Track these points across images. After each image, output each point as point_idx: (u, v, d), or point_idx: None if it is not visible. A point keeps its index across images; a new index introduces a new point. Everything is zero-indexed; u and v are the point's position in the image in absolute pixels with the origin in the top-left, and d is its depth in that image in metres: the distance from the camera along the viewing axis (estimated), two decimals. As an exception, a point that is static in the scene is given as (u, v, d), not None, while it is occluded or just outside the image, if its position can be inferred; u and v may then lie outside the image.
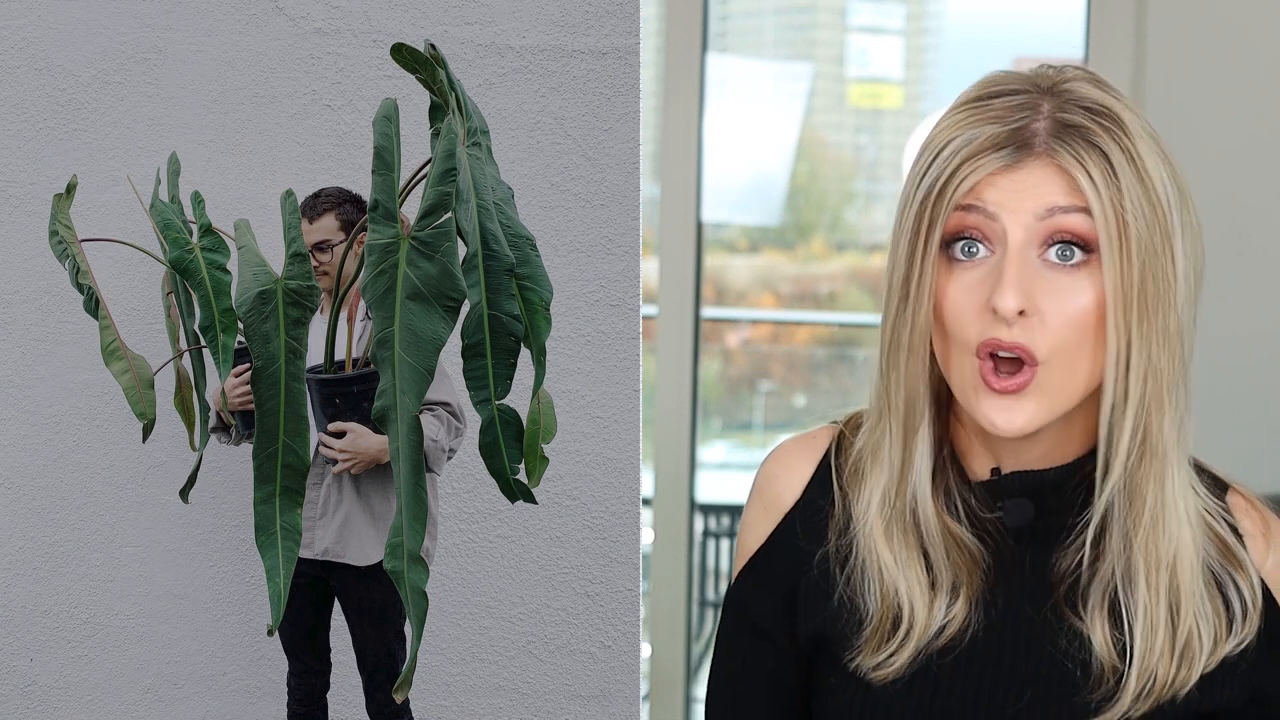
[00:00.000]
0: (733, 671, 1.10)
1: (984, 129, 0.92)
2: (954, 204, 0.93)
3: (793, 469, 1.09)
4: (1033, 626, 0.99)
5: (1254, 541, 1.00)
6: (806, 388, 4.71)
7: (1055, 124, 0.91)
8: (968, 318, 0.93)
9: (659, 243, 3.98)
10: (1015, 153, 0.91)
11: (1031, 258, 0.91)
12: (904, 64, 4.57)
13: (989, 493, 1.00)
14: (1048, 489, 0.99)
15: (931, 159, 0.94)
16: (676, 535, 4.04)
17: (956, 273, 0.94)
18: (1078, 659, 0.97)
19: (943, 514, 0.99)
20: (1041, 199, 0.91)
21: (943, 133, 0.95)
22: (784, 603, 1.06)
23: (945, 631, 0.99)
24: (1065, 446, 0.99)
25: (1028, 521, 0.99)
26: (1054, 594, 0.98)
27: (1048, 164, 0.91)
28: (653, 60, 3.95)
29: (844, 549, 1.03)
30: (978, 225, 0.93)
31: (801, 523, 1.06)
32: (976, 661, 0.99)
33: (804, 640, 1.05)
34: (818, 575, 1.04)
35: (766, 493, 1.09)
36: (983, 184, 0.92)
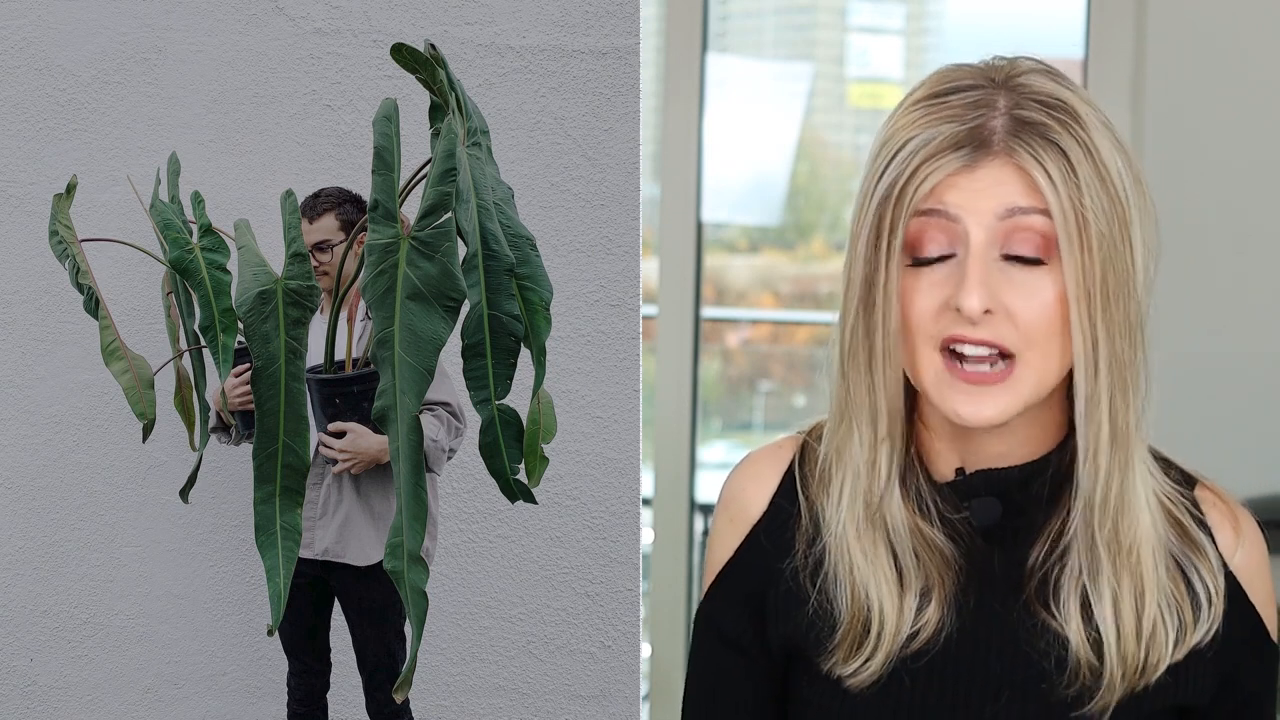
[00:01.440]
0: (707, 687, 1.09)
1: (941, 128, 0.92)
2: (914, 206, 0.92)
3: (758, 480, 1.08)
4: (1006, 626, 0.99)
5: (1222, 534, 1.00)
6: (806, 388, 4.71)
7: (1012, 121, 0.91)
8: (929, 316, 0.93)
9: (659, 243, 3.98)
10: (973, 153, 0.91)
11: (993, 256, 0.91)
12: (904, 64, 4.57)
13: (956, 493, 1.00)
14: (1014, 486, 0.98)
15: (889, 160, 0.94)
16: (676, 535, 4.04)
17: (919, 272, 0.93)
18: (1052, 656, 0.97)
19: (914, 515, 0.99)
20: (1001, 200, 0.91)
21: (899, 132, 0.94)
22: (754, 614, 1.05)
23: (919, 635, 0.98)
24: (1029, 444, 0.98)
25: (995, 520, 0.99)
26: (1025, 591, 0.98)
27: (1006, 163, 0.91)
28: (653, 60, 3.95)
29: (814, 557, 1.02)
30: (939, 228, 0.92)
31: (768, 534, 1.05)
32: (951, 664, 0.99)
33: (776, 650, 1.05)
34: (789, 584, 1.03)
35: (733, 506, 1.08)
36: (942, 185, 0.92)
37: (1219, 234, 3.37)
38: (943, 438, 1.00)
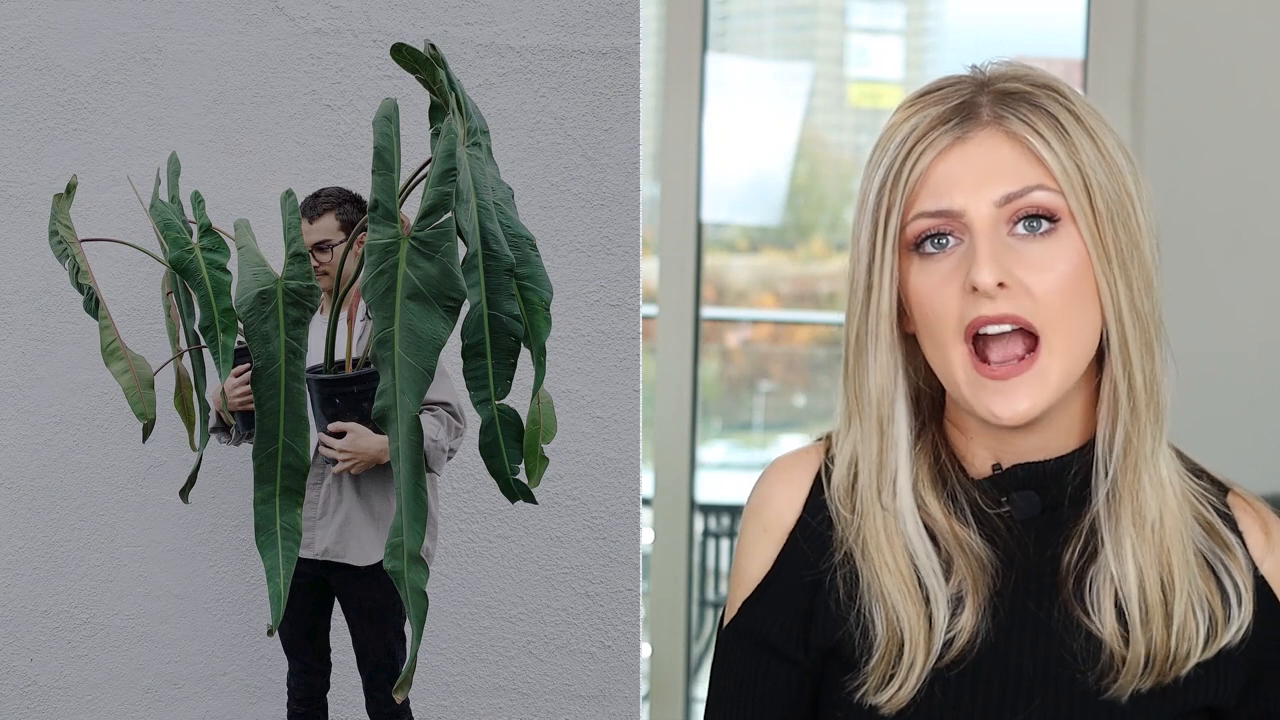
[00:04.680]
0: (744, 699, 1.06)
1: (929, 111, 0.94)
2: (910, 185, 0.93)
3: (789, 486, 1.06)
4: (1040, 626, 0.98)
5: (1253, 536, 1.00)
6: (806, 388, 4.71)
7: (997, 94, 0.94)
8: (949, 304, 0.93)
9: (659, 243, 3.98)
10: (962, 125, 0.93)
11: (1001, 235, 0.92)
12: (904, 64, 4.57)
13: (995, 487, 0.99)
14: (1049, 479, 0.98)
15: (883, 152, 0.95)
16: (676, 535, 4.04)
17: (929, 265, 0.94)
18: (1086, 655, 0.97)
19: (950, 519, 0.98)
20: (995, 187, 0.92)
21: (892, 129, 0.96)
22: (801, 619, 1.03)
23: (954, 644, 0.97)
24: (1062, 438, 0.98)
25: (1035, 513, 0.99)
26: (1062, 592, 0.98)
27: (996, 131, 0.93)
28: (653, 60, 3.95)
29: (847, 569, 1.01)
30: (943, 226, 0.93)
31: (806, 539, 1.04)
32: (985, 670, 0.98)
33: (816, 658, 1.03)
34: (833, 590, 1.02)
35: (766, 513, 1.07)
36: (936, 161, 0.93)
37: (1219, 234, 3.37)
38: (976, 437, 1.00)
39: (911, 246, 0.95)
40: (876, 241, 0.95)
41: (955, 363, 0.94)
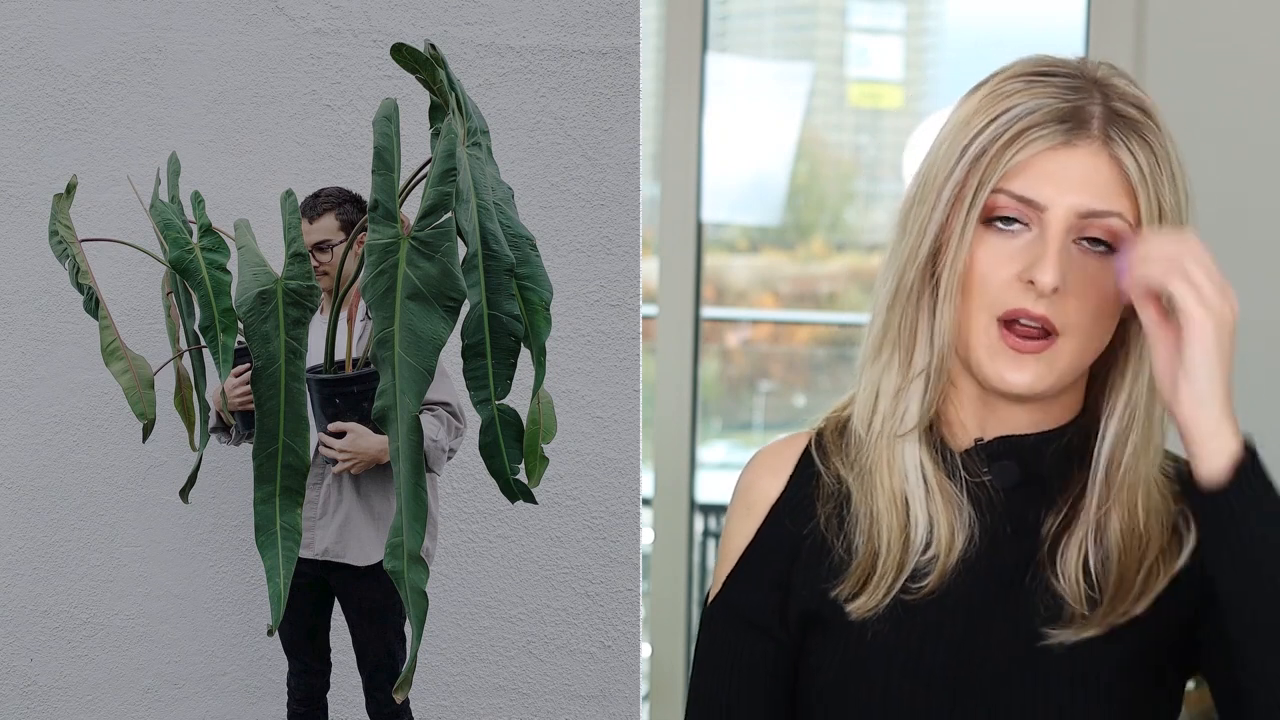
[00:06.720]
0: (723, 673, 1.10)
1: (1045, 101, 0.97)
2: (1009, 167, 0.97)
3: (773, 468, 1.11)
4: (1013, 581, 1.02)
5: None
6: (806, 388, 4.71)
7: (1109, 112, 0.98)
8: (998, 285, 0.98)
9: (659, 243, 3.98)
10: (1073, 130, 0.97)
11: (1069, 241, 0.97)
12: (904, 64, 4.57)
13: (976, 458, 1.04)
14: (1028, 452, 1.04)
15: (988, 120, 0.98)
16: (676, 535, 4.04)
17: (993, 240, 0.99)
18: (1050, 609, 1.01)
19: (940, 473, 1.03)
20: (1084, 198, 0.96)
21: (1000, 99, 0.99)
22: (778, 590, 1.07)
23: (926, 576, 1.02)
24: (1047, 417, 1.04)
25: (1015, 482, 1.04)
26: (1038, 553, 1.02)
27: (1101, 150, 0.97)
28: (653, 60, 3.95)
29: (835, 508, 1.06)
30: (1024, 211, 0.98)
31: (789, 510, 1.09)
32: (949, 603, 1.02)
33: (794, 629, 1.07)
34: (812, 544, 1.06)
35: (750, 493, 1.11)
36: (1041, 155, 0.97)
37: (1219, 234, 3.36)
38: (965, 407, 1.05)
39: (982, 216, 0.99)
40: (964, 205, 0.98)
41: (979, 328, 0.99)
